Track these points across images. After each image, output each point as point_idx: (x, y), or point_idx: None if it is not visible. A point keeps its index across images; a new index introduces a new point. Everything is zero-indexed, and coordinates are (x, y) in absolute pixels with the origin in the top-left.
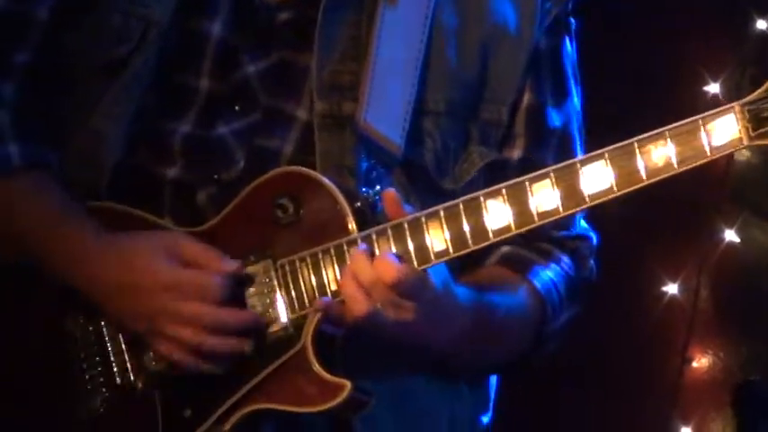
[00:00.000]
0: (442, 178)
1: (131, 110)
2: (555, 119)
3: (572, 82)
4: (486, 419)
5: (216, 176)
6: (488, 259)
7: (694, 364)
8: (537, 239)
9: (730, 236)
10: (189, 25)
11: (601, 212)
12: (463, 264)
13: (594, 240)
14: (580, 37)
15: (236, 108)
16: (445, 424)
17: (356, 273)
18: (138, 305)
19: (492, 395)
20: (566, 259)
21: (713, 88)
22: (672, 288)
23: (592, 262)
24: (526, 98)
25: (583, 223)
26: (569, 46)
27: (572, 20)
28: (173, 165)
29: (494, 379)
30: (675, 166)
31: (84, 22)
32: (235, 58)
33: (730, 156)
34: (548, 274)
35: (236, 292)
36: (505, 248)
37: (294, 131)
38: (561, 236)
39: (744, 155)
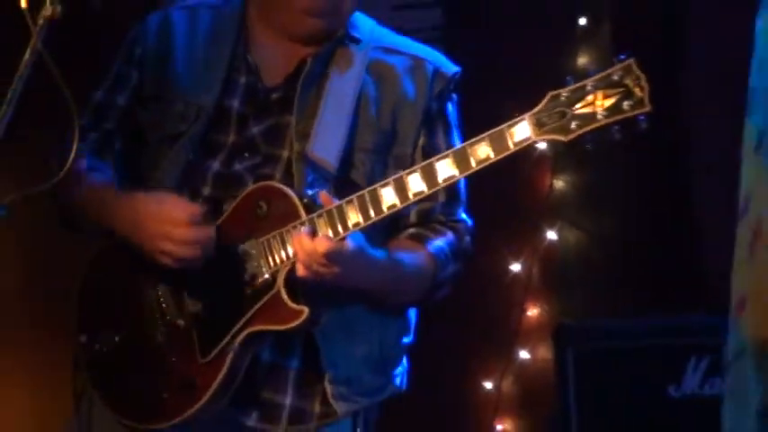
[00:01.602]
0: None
1: (183, 159)
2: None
3: (454, 129)
4: (407, 340)
5: (235, 195)
6: (400, 236)
7: (528, 314)
8: (432, 222)
9: (551, 235)
10: (222, 104)
11: (469, 212)
12: (385, 239)
13: (470, 224)
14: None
15: (246, 155)
16: (377, 344)
17: (301, 244)
18: (146, 233)
19: (413, 324)
20: (450, 234)
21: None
22: (515, 267)
23: (468, 238)
24: (422, 140)
25: (462, 214)
26: (451, 107)
27: (453, 90)
28: (207, 187)
29: (413, 312)
30: (492, 157)
31: (155, 107)
32: (246, 123)
33: (551, 184)
34: (438, 242)
35: (236, 260)
36: (412, 230)
37: (281, 165)
38: (448, 219)
39: (561, 184)
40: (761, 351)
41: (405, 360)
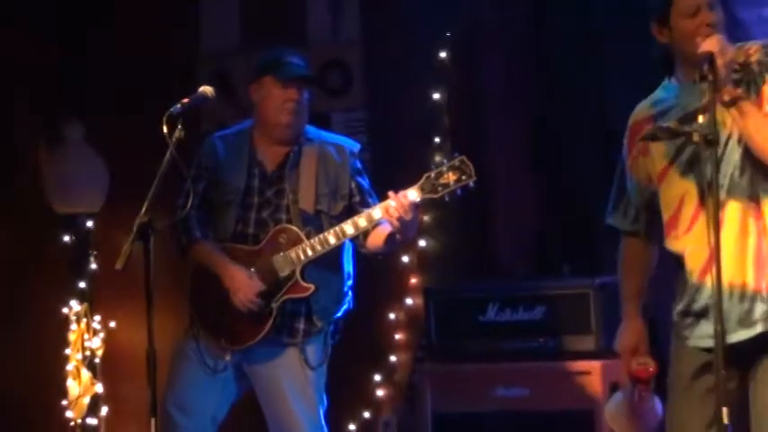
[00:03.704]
0: (331, 221)
1: (234, 213)
2: (367, 202)
3: (363, 175)
4: (349, 283)
5: (266, 231)
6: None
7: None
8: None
9: (416, 279)
10: (248, 184)
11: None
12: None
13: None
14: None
15: (266, 208)
16: (336, 289)
17: (398, 200)
18: (232, 287)
19: (351, 276)
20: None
21: None
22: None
23: None
24: (353, 184)
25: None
26: (359, 164)
27: (358, 156)
28: (250, 228)
29: (350, 269)
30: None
31: (216, 189)
32: (262, 192)
33: (417, 246)
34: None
35: (273, 266)
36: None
37: (284, 211)
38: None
39: (427, 242)
40: None
41: (350, 294)
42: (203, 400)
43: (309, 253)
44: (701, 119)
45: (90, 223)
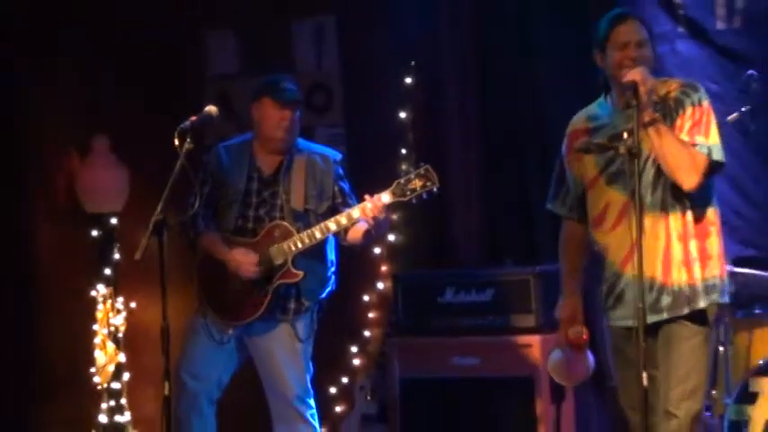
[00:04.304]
0: (317, 218)
1: (236, 211)
2: (348, 203)
3: (345, 181)
4: (332, 269)
5: (262, 226)
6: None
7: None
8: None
9: (386, 267)
10: (248, 187)
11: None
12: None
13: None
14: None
15: (263, 206)
16: (322, 273)
17: (374, 202)
18: (233, 264)
19: (334, 263)
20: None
21: None
22: (381, 284)
23: None
24: (336, 188)
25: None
26: (341, 171)
27: (341, 164)
28: (249, 222)
29: (333, 257)
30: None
31: (220, 190)
32: (260, 192)
33: (387, 240)
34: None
35: (269, 256)
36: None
37: (278, 209)
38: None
39: (396, 237)
40: None
41: (333, 278)
42: (211, 367)
43: (299, 245)
44: (625, 135)
45: (114, 221)
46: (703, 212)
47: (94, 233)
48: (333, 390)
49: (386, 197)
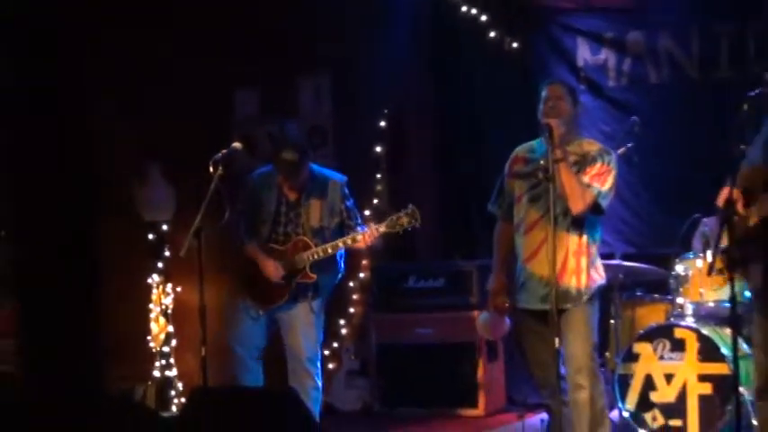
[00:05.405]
0: (330, 232)
1: (268, 228)
2: (355, 222)
3: (351, 199)
4: (341, 265)
5: (289, 240)
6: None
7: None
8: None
9: (366, 261)
10: (277, 209)
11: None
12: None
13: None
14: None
15: (289, 225)
16: (333, 269)
17: (371, 230)
18: (266, 270)
19: (342, 260)
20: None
21: None
22: (362, 274)
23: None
24: (343, 206)
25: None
26: (347, 191)
27: (346, 185)
28: (280, 236)
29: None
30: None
31: (255, 211)
32: (288, 214)
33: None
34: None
35: (293, 262)
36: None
37: (301, 227)
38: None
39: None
40: None
41: (340, 275)
42: (252, 337)
43: (315, 257)
44: (542, 162)
45: (165, 227)
46: (592, 238)
47: (150, 236)
48: (326, 352)
49: (381, 228)
